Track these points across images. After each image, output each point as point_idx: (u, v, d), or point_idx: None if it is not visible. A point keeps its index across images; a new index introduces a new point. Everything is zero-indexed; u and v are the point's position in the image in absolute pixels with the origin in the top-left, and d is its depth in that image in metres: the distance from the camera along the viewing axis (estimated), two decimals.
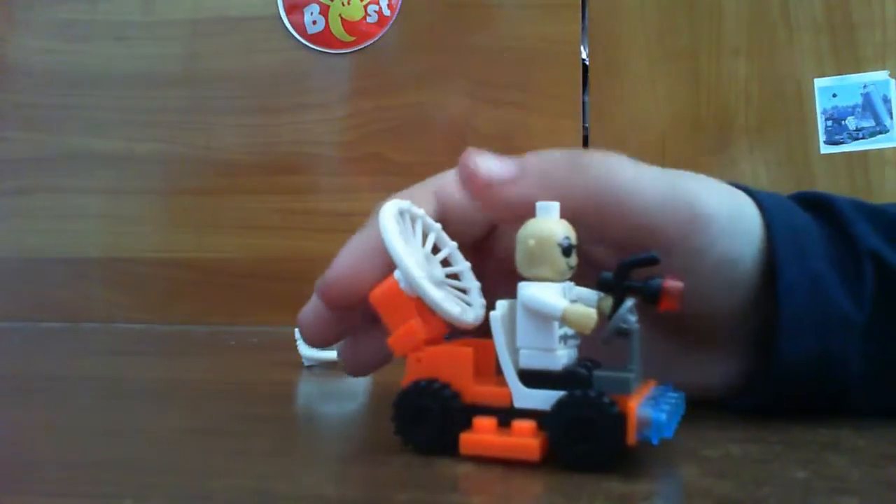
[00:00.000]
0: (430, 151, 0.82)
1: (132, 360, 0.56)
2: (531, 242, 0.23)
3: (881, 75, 0.78)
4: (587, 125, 0.82)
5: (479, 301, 0.26)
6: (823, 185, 0.78)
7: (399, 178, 0.31)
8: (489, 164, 0.26)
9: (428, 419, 0.23)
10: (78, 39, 0.88)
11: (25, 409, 0.33)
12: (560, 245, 0.23)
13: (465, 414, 0.23)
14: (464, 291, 0.27)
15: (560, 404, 0.22)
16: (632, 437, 0.21)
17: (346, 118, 0.85)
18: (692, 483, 0.21)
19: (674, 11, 0.81)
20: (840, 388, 0.29)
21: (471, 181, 0.26)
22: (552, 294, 0.22)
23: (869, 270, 0.29)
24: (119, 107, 0.87)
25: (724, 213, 0.28)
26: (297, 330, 0.47)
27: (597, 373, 0.22)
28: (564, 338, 0.23)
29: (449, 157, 0.32)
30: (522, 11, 0.82)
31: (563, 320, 0.22)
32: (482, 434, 0.22)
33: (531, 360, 0.23)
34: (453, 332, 0.25)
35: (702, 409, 0.28)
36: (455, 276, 0.27)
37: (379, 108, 0.84)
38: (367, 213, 0.31)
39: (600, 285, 0.23)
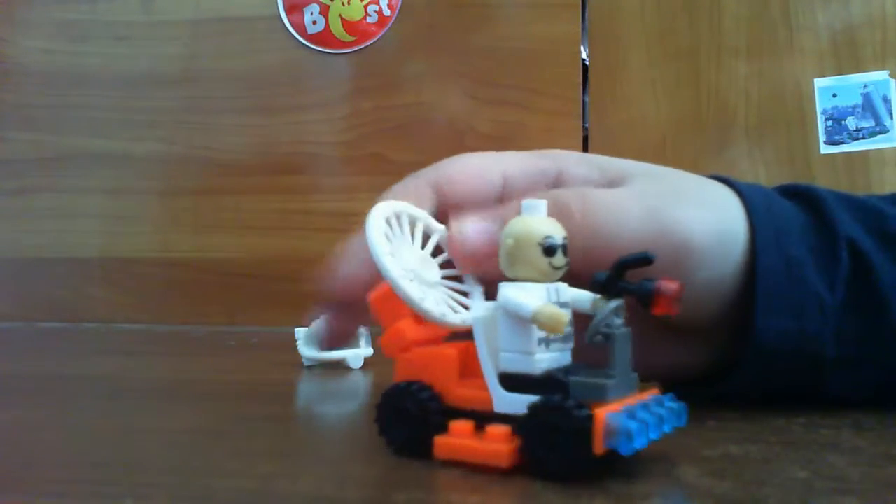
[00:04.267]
0: (430, 151, 0.81)
1: (132, 360, 0.56)
2: (510, 242, 0.22)
3: (881, 75, 0.78)
4: (587, 125, 0.82)
5: (481, 305, 0.26)
6: (823, 184, 0.76)
7: (399, 178, 0.31)
8: (472, 238, 0.26)
9: (406, 421, 0.23)
10: (78, 39, 0.88)
11: (25, 409, 0.33)
12: (540, 245, 0.22)
13: (443, 417, 0.23)
14: (466, 295, 0.26)
15: (531, 410, 0.21)
16: (599, 447, 0.20)
17: (346, 118, 0.85)
18: (692, 483, 0.21)
19: (674, 11, 0.81)
20: (814, 369, 0.29)
21: (454, 249, 0.27)
22: (528, 295, 0.22)
23: (845, 256, 0.30)
24: (119, 107, 0.87)
25: (709, 240, 0.28)
26: (297, 330, 0.47)
27: (574, 378, 0.21)
28: (546, 340, 0.22)
29: (449, 157, 0.32)
30: (522, 11, 0.82)
31: (534, 321, 0.21)
32: (455, 438, 0.22)
33: (511, 363, 0.22)
34: (457, 334, 0.25)
35: (702, 409, 0.28)
36: (460, 280, 0.27)
37: (379, 108, 0.84)
38: (367, 213, 0.31)
39: (593, 286, 0.22)
